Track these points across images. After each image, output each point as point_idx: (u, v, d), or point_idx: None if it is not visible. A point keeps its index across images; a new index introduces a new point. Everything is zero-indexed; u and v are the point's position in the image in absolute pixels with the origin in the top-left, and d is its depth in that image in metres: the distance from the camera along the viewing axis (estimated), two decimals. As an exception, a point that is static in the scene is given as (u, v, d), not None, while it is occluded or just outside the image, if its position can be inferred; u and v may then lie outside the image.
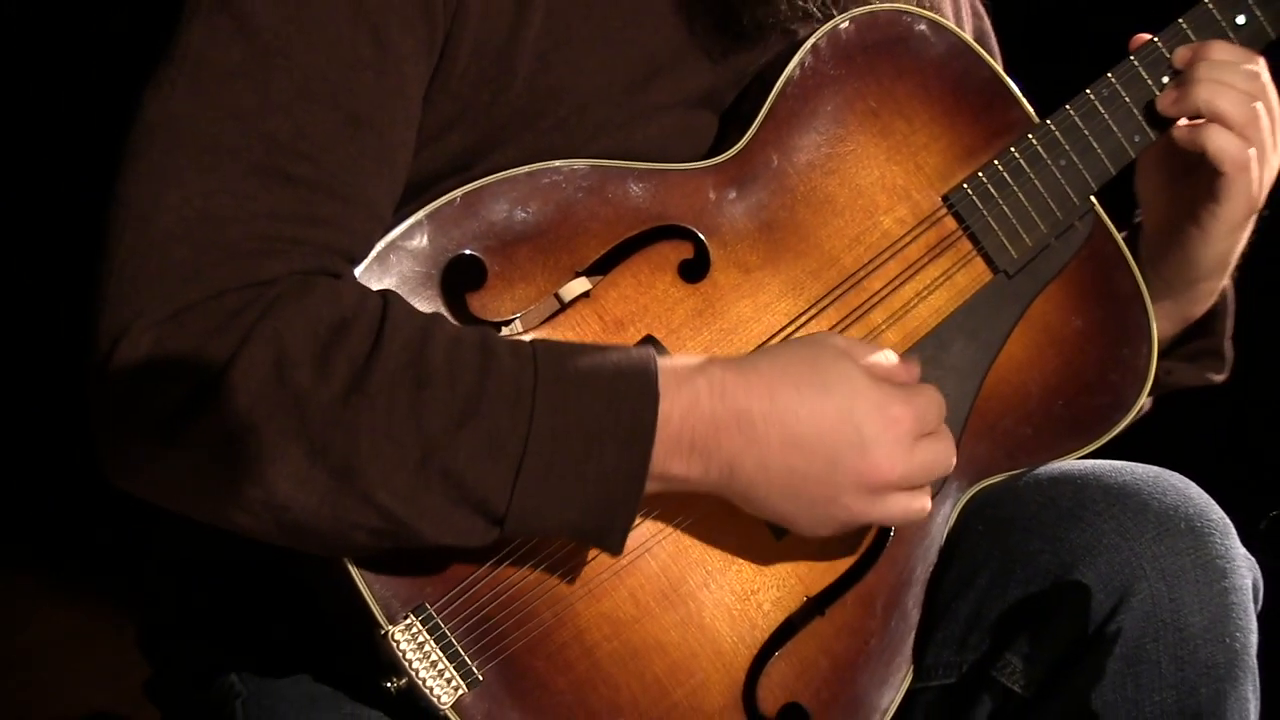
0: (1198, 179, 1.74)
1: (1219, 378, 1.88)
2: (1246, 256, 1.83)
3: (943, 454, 1.56)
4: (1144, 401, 1.74)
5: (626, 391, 1.44)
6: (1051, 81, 1.78)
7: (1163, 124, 1.76)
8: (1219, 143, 1.71)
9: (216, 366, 1.37)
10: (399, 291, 1.49)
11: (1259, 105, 1.71)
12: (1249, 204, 1.75)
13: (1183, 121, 1.75)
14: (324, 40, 1.47)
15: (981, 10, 1.98)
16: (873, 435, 1.50)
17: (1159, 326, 1.79)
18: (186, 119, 1.44)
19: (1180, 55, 1.75)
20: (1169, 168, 1.77)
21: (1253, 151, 1.71)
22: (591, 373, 1.44)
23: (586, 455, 1.43)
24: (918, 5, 1.73)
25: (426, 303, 1.51)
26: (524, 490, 1.41)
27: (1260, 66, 1.74)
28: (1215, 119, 1.71)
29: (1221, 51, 1.74)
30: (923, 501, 1.56)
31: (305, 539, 1.44)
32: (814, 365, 1.51)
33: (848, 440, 1.49)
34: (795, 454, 1.49)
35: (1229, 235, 1.77)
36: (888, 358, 1.56)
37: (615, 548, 1.47)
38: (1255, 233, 1.81)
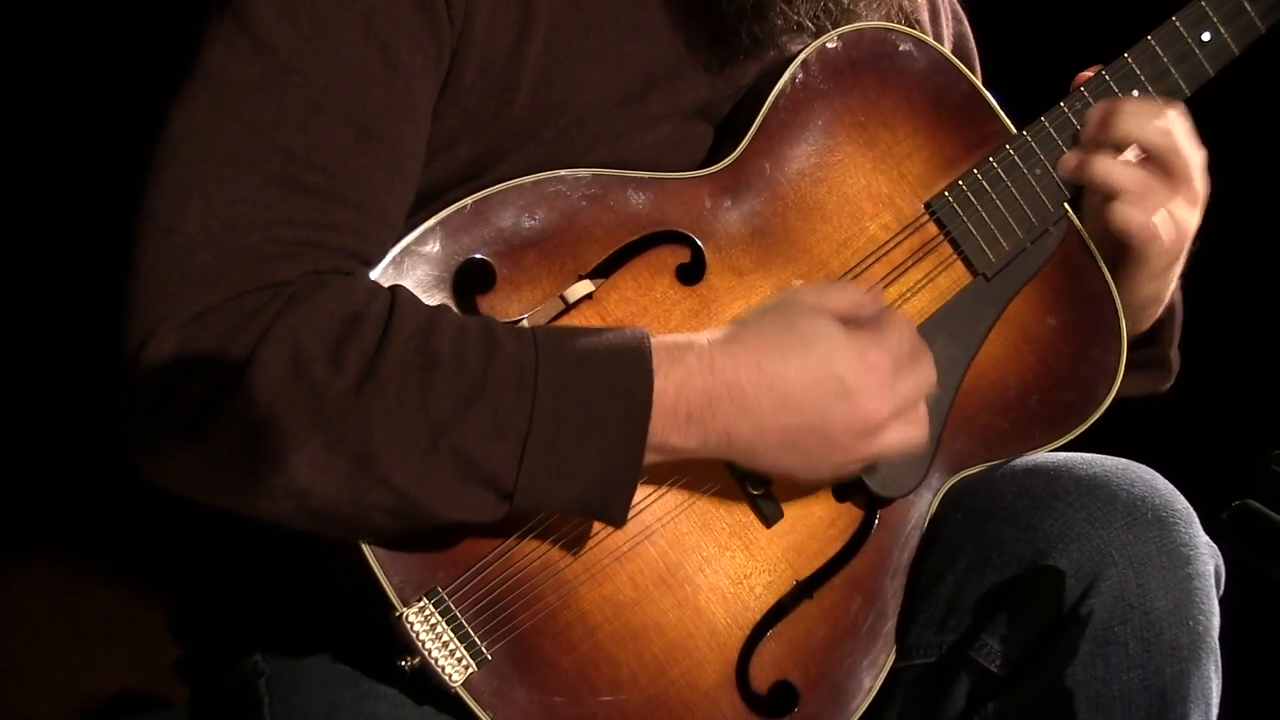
0: (1116, 244, 1.74)
1: (1164, 386, 1.88)
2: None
3: (924, 376, 1.57)
4: (1112, 398, 1.75)
5: (623, 370, 1.45)
6: (1032, 86, 1.78)
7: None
8: (1124, 219, 1.70)
9: (237, 364, 1.38)
10: (413, 293, 1.49)
11: (1167, 157, 1.70)
12: (1168, 257, 1.75)
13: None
14: (337, 59, 1.48)
15: (961, 15, 1.98)
16: (855, 383, 1.51)
17: None
18: (207, 133, 1.45)
19: (1093, 116, 1.73)
20: (1095, 219, 1.76)
21: (1158, 217, 1.70)
22: (589, 353, 1.45)
23: (588, 431, 1.44)
24: (899, 11, 1.73)
25: (438, 304, 1.51)
26: (530, 466, 1.42)
27: (1172, 121, 1.71)
28: (1112, 194, 1.70)
29: (1130, 107, 1.72)
30: (917, 429, 1.57)
31: (326, 522, 1.44)
32: (790, 326, 1.52)
33: (833, 392, 1.51)
34: (787, 413, 1.50)
35: (1152, 281, 1.78)
36: (853, 294, 1.57)
37: (618, 520, 1.48)
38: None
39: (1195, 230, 1.76)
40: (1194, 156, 1.73)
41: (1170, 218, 1.71)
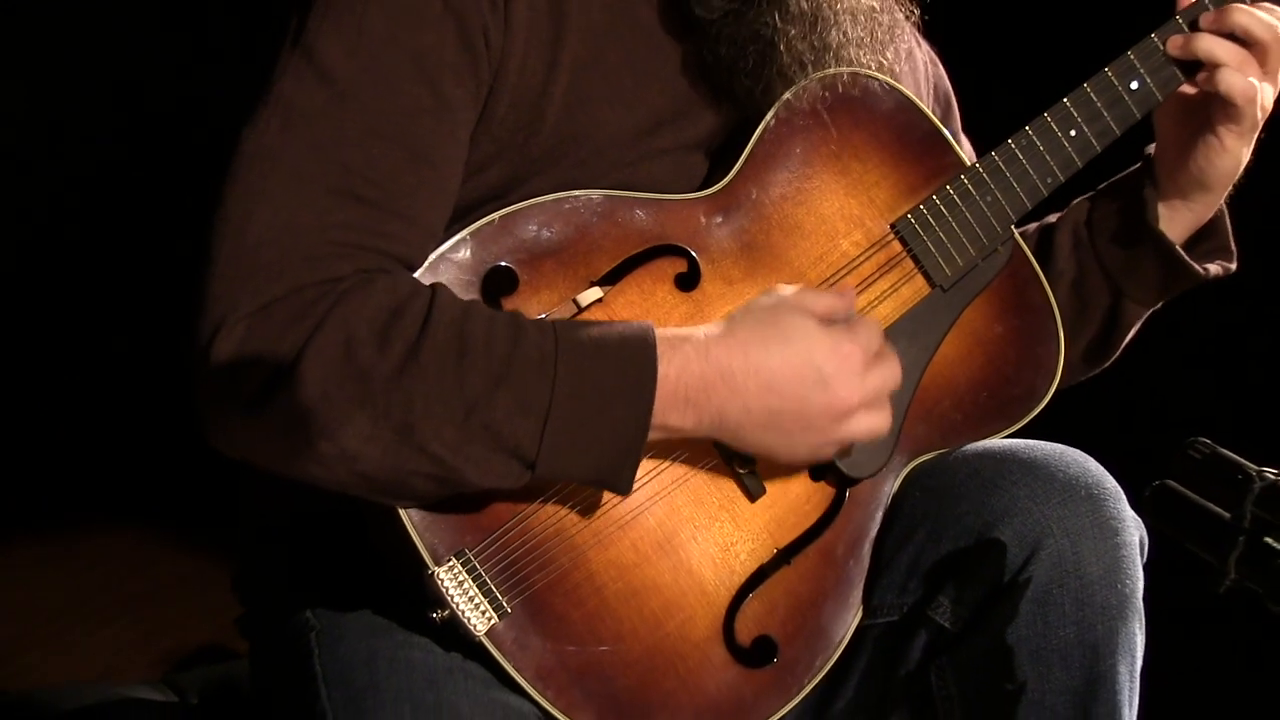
0: (1213, 108, 1.75)
1: (1233, 266, 1.86)
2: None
3: (890, 372, 1.56)
4: (1051, 394, 1.74)
5: (631, 357, 1.45)
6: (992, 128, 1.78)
7: (1069, 174, 1.75)
8: (1227, 82, 1.71)
9: (296, 348, 1.38)
10: (450, 290, 1.48)
11: (1257, 46, 1.72)
12: (1255, 120, 1.75)
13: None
14: (391, 90, 1.48)
15: (937, 60, 1.98)
16: (831, 372, 1.50)
17: (1173, 233, 1.80)
18: (277, 150, 1.45)
19: (1206, 18, 1.75)
20: (1185, 103, 1.78)
21: (1254, 80, 1.71)
22: (602, 342, 1.45)
23: (600, 409, 1.43)
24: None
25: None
26: (550, 439, 1.41)
27: (1258, 20, 1.73)
28: (1215, 65, 1.72)
29: (1242, 6, 1.74)
30: (882, 417, 1.56)
31: (371, 486, 1.43)
32: (775, 322, 1.51)
33: (811, 380, 1.50)
34: (771, 397, 1.49)
35: (1240, 142, 1.77)
36: (828, 298, 1.56)
37: (624, 489, 1.47)
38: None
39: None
40: None
41: (1259, 90, 1.73)
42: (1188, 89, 1.77)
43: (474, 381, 1.40)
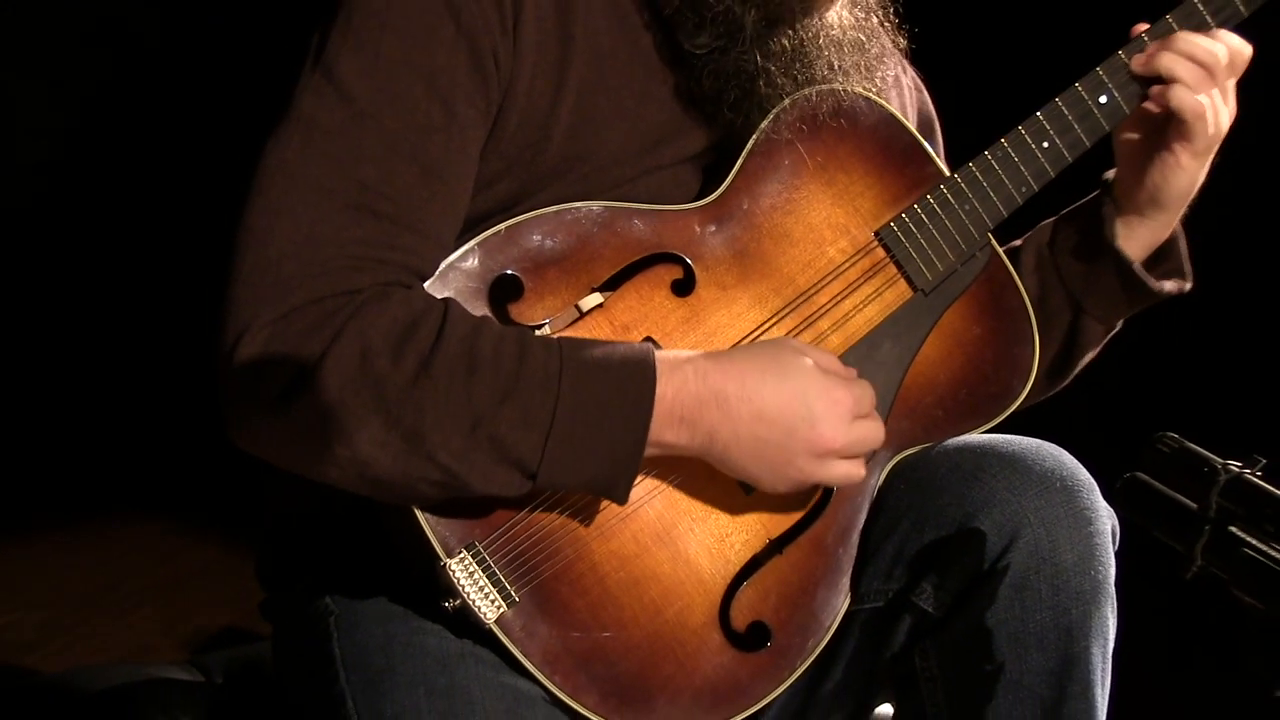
0: (1168, 126, 1.74)
1: (1188, 285, 1.85)
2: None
3: (874, 432, 1.56)
4: (1028, 390, 1.74)
5: (631, 376, 1.44)
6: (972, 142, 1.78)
7: (1042, 183, 1.75)
8: (1179, 98, 1.70)
9: (315, 356, 1.38)
10: (462, 305, 1.48)
11: (1212, 68, 1.70)
12: (1208, 139, 1.74)
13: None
14: (406, 109, 1.47)
15: (923, 86, 1.97)
16: (820, 412, 1.50)
17: (1131, 250, 1.79)
18: (298, 166, 1.44)
19: (1152, 47, 1.74)
20: (1145, 122, 1.77)
21: (1205, 100, 1.71)
22: (604, 361, 1.44)
23: (600, 425, 1.42)
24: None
25: (476, 311, 1.50)
26: (551, 452, 1.41)
27: (1214, 43, 1.72)
28: (1172, 80, 1.71)
29: (1188, 35, 1.73)
30: (858, 468, 1.56)
31: (382, 489, 1.43)
32: (775, 358, 1.51)
33: (800, 415, 1.49)
34: (760, 425, 1.48)
35: (1195, 161, 1.75)
36: (831, 357, 1.57)
37: (621, 499, 1.47)
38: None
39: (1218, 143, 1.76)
40: (1233, 82, 1.74)
41: (1213, 108, 1.72)
42: (1149, 107, 1.76)
43: (482, 395, 1.40)
